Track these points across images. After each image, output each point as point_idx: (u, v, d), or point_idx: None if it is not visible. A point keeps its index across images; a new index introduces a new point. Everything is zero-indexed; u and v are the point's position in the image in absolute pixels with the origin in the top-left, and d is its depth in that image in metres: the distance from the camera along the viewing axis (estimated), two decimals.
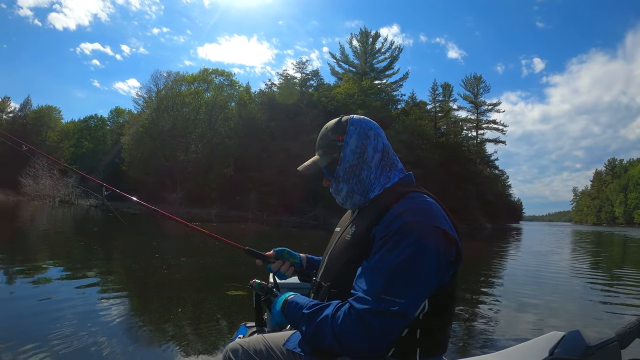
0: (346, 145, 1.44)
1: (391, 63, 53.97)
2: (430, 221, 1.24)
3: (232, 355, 1.47)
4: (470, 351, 3.88)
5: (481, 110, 60.82)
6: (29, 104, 68.18)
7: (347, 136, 1.45)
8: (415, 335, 1.27)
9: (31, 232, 14.02)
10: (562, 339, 1.34)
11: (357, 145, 1.44)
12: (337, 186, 1.47)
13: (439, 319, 1.30)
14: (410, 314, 1.21)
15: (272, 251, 1.79)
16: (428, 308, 1.26)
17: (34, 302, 4.75)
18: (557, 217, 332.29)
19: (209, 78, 51.54)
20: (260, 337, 1.52)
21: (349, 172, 1.44)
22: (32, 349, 3.28)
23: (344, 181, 1.45)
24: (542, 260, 13.70)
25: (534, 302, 6.53)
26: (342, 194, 1.48)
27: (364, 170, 1.43)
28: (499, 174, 65.42)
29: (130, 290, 5.95)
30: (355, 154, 1.43)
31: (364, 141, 1.44)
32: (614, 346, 1.25)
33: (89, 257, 8.90)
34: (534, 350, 1.39)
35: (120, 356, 3.33)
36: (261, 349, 1.46)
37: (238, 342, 1.52)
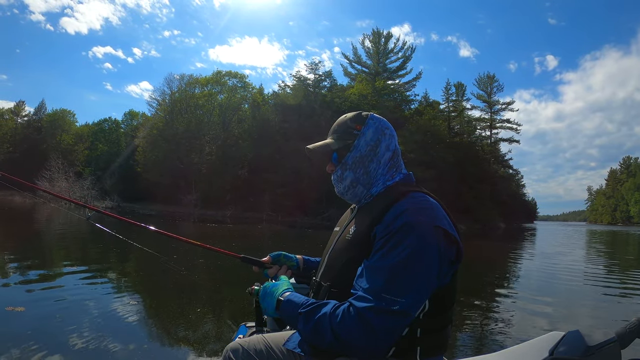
0: (362, 135, 1.44)
1: (404, 63, 53.81)
2: (432, 221, 1.23)
3: (232, 355, 1.47)
4: (470, 351, 3.88)
5: (495, 110, 60.28)
6: (44, 108, 69.14)
7: (365, 127, 1.45)
8: (415, 335, 1.27)
9: (50, 234, 14.21)
10: (562, 339, 1.34)
11: (373, 138, 1.44)
12: (342, 173, 1.47)
13: (440, 318, 1.30)
14: (411, 314, 1.20)
15: (268, 257, 1.78)
16: (429, 307, 1.26)
17: (54, 302, 4.83)
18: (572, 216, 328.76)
19: (222, 80, 51.76)
20: (260, 337, 1.53)
21: (359, 161, 1.44)
22: (45, 348, 3.36)
23: (351, 169, 1.45)
24: (551, 261, 13.54)
25: (536, 303, 6.48)
26: (345, 182, 1.47)
27: (373, 163, 1.43)
28: (513, 173, 64.79)
29: (146, 292, 6.02)
30: (369, 145, 1.44)
31: (379, 136, 1.45)
32: (614, 346, 1.25)
33: (110, 260, 9.05)
34: (534, 350, 1.39)
35: (118, 355, 3.38)
36: (261, 348, 1.47)
37: (238, 342, 1.52)
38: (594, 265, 13.07)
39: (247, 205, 41.02)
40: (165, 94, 52.73)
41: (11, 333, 3.63)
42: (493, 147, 59.55)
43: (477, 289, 7.60)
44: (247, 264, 1.78)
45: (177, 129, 48.42)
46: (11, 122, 69.30)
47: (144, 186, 48.57)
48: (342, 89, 49.60)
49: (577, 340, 1.29)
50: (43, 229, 15.96)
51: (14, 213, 24.86)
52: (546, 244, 24.33)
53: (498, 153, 60.34)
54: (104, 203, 45.26)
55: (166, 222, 24.87)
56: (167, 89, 52.55)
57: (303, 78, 48.93)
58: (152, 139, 50.04)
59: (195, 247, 2.08)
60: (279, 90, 50.77)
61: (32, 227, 16.51)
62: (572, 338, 1.32)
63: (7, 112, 71.12)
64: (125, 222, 2.20)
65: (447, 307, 1.32)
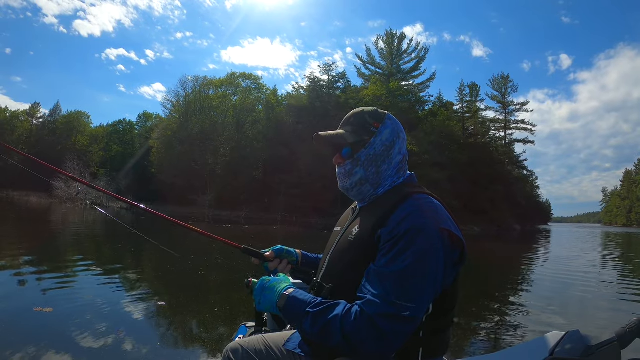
0: (379, 134, 1.41)
1: (417, 64, 53.46)
2: (437, 223, 1.22)
3: (232, 355, 1.49)
4: (470, 351, 3.87)
5: (509, 110, 59.64)
6: (59, 110, 69.94)
7: (383, 126, 1.42)
8: (418, 336, 1.26)
9: (72, 234, 14.39)
10: (562, 339, 1.33)
11: (389, 139, 1.41)
12: (352, 169, 1.42)
13: (442, 319, 1.30)
14: (419, 318, 1.20)
15: (270, 251, 1.76)
16: (432, 310, 1.26)
17: (81, 303, 4.89)
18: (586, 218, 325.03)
19: (236, 82, 52.02)
20: (260, 337, 1.55)
21: (372, 159, 1.40)
22: (73, 348, 3.41)
23: (362, 166, 1.40)
24: (562, 263, 13.33)
25: (539, 303, 6.41)
26: (353, 178, 1.42)
27: (385, 164, 1.41)
28: (528, 174, 64.09)
29: (162, 293, 6.00)
30: (384, 145, 1.41)
31: (394, 138, 1.42)
32: (614, 346, 1.25)
33: (130, 260, 9.16)
34: (534, 350, 1.38)
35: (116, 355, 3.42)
36: (261, 349, 1.49)
37: (238, 342, 1.54)
38: (605, 267, 12.80)
39: (261, 206, 41.12)
40: (179, 95, 53.20)
41: (40, 333, 3.67)
42: (507, 148, 58.94)
43: (481, 289, 7.54)
44: (248, 255, 1.75)
45: (192, 130, 48.70)
46: (26, 124, 70.29)
47: (159, 187, 49.00)
48: (356, 90, 49.54)
49: (577, 340, 1.28)
50: (64, 229, 16.13)
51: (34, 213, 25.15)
52: (559, 246, 24.03)
53: (512, 154, 59.69)
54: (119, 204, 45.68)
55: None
56: (181, 91, 53.07)
57: (317, 79, 48.97)
58: (166, 140, 50.41)
59: (210, 248, 2.04)
60: (292, 91, 50.86)
61: (53, 227, 16.76)
62: (572, 338, 1.31)
63: (22, 113, 72.21)
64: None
65: (450, 309, 1.32)
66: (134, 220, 27.09)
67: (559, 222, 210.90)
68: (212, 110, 51.02)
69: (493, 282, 8.88)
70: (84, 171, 48.89)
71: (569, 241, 29.14)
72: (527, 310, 5.93)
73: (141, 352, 3.50)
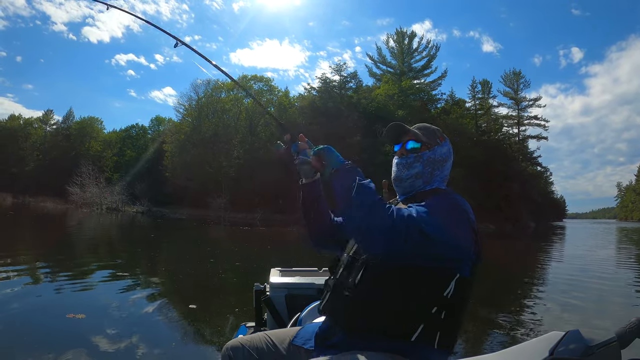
0: (441, 147, 1.62)
1: (429, 62, 53.34)
2: (468, 209, 1.42)
3: (232, 353, 1.53)
4: (470, 351, 3.84)
5: (522, 106, 59.11)
6: (72, 116, 70.50)
7: (445, 142, 1.65)
8: (440, 316, 1.35)
9: (90, 239, 14.63)
10: (563, 339, 1.34)
11: (446, 153, 1.63)
12: (413, 162, 1.58)
13: (460, 307, 1.39)
14: (434, 243, 1.29)
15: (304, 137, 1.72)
16: (453, 291, 1.35)
17: (112, 309, 4.95)
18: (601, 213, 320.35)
19: (248, 84, 52.09)
20: (262, 335, 1.59)
21: (431, 162, 1.58)
22: (106, 355, 3.46)
23: (422, 164, 1.57)
24: (571, 262, 13.16)
25: (540, 302, 6.31)
26: (411, 170, 1.57)
27: (438, 170, 1.59)
28: (542, 170, 63.50)
29: (189, 296, 6.04)
30: (443, 157, 1.61)
31: (449, 155, 1.65)
32: (614, 346, 1.26)
33: (151, 264, 9.29)
34: (534, 350, 1.39)
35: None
36: (262, 346, 1.54)
37: (238, 340, 1.58)
38: (617, 265, 12.53)
39: (276, 208, 41.07)
40: (191, 99, 53.50)
41: (74, 339, 3.69)
42: (521, 145, 58.42)
43: (482, 289, 7.36)
44: (277, 124, 1.83)
45: (205, 133, 48.95)
46: (40, 131, 71.11)
47: (173, 190, 49.16)
48: (368, 90, 49.50)
49: (577, 340, 1.29)
50: (85, 234, 16.33)
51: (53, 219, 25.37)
52: (571, 244, 23.76)
53: (526, 150, 59.18)
54: (135, 208, 46.19)
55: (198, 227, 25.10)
56: (193, 94, 53.30)
57: (328, 80, 48.98)
58: (179, 143, 50.69)
59: (250, 251, 2.04)
60: (304, 92, 50.94)
61: (74, 233, 16.94)
62: (572, 338, 1.32)
63: (35, 120, 73.13)
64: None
65: (467, 300, 1.42)
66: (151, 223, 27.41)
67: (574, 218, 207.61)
68: (225, 113, 51.27)
69: (495, 281, 8.62)
70: (99, 176, 49.25)
71: (582, 238, 28.76)
72: (527, 309, 5.86)
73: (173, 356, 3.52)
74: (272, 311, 2.44)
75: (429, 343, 1.35)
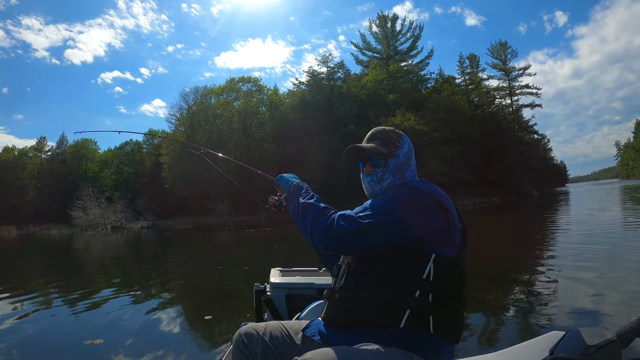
0: (401, 147, 1.68)
1: (414, 43, 53.11)
2: (430, 191, 1.49)
3: (245, 339, 1.54)
4: (470, 350, 3.78)
5: (512, 77, 58.98)
6: (65, 140, 70.43)
7: (403, 141, 1.70)
8: (427, 299, 1.37)
9: (98, 261, 14.55)
10: (563, 339, 1.34)
11: (408, 151, 1.69)
12: (383, 175, 1.64)
13: (448, 289, 1.42)
14: (371, 234, 1.40)
15: None
16: (434, 271, 1.39)
17: (131, 333, 4.85)
18: (603, 174, 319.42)
19: (237, 87, 52.04)
20: (277, 324, 1.63)
21: (398, 167, 1.64)
22: None
23: (392, 173, 1.64)
24: (578, 229, 12.51)
25: (541, 301, 5.89)
26: (383, 183, 1.64)
27: (407, 171, 1.66)
28: (539, 138, 63.47)
29: (203, 307, 5.99)
30: (405, 157, 1.67)
31: (411, 151, 1.71)
32: (614, 346, 1.26)
33: (161, 279, 9.19)
34: (534, 349, 1.40)
35: None
36: (277, 335, 1.56)
37: (252, 326, 1.59)
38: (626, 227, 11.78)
39: None
40: (182, 108, 53.39)
41: None
42: (516, 115, 58.35)
43: (480, 284, 6.88)
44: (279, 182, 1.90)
45: (199, 141, 48.83)
46: (35, 159, 71.05)
47: (175, 202, 49.20)
48: (357, 78, 49.42)
49: (577, 339, 1.29)
50: (93, 256, 16.22)
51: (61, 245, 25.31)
52: (578, 208, 22.84)
53: (521, 120, 59.11)
54: (139, 223, 46.22)
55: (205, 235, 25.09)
56: (183, 104, 53.18)
57: (316, 73, 48.87)
58: (175, 154, 50.52)
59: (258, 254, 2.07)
60: (294, 87, 50.83)
61: (82, 256, 16.91)
62: (572, 337, 1.32)
63: (30, 149, 73.00)
64: None
65: (455, 282, 1.45)
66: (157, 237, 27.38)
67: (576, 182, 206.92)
68: (217, 118, 51.17)
69: (492, 273, 7.83)
70: (99, 196, 49.25)
71: (586, 202, 28.01)
72: (528, 309, 5.69)
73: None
74: (273, 311, 2.47)
75: (422, 327, 1.36)
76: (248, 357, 1.52)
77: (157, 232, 33.65)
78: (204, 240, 20.67)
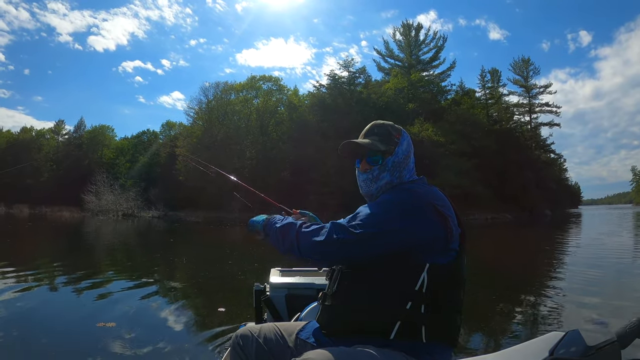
0: (400, 144, 1.58)
1: (437, 53, 52.97)
2: (427, 195, 1.42)
3: (241, 341, 1.56)
4: (470, 351, 3.78)
5: (532, 94, 58.54)
6: (83, 125, 71.23)
7: (402, 138, 1.60)
8: (419, 310, 1.34)
9: (110, 246, 14.63)
10: (562, 339, 1.34)
11: (407, 149, 1.60)
12: (380, 174, 1.55)
13: (442, 298, 1.37)
14: (366, 245, 1.35)
15: (297, 211, 1.92)
16: (427, 281, 1.34)
17: (144, 317, 4.93)
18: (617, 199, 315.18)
19: (257, 85, 52.32)
20: (272, 325, 1.62)
21: (397, 165, 1.56)
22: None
23: (389, 172, 1.55)
24: (585, 251, 12.41)
25: (542, 301, 5.90)
26: (379, 182, 1.56)
27: (406, 169, 1.57)
28: (556, 157, 62.80)
29: (215, 299, 5.99)
30: (404, 154, 1.58)
31: (410, 149, 1.62)
32: (613, 346, 1.26)
33: (172, 269, 9.23)
34: (533, 350, 1.40)
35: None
36: (271, 337, 1.56)
37: (248, 329, 1.60)
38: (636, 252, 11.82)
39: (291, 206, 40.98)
40: (201, 102, 53.75)
41: (104, 349, 3.67)
42: (534, 133, 57.86)
43: (483, 286, 6.92)
44: (279, 209, 1.93)
45: (216, 135, 49.12)
46: (52, 141, 71.91)
47: (187, 194, 49.39)
48: (377, 85, 49.36)
49: (577, 340, 1.30)
50: (105, 241, 16.36)
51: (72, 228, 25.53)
52: (590, 230, 22.91)
53: (539, 138, 58.56)
54: (150, 213, 46.50)
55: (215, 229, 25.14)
56: (203, 98, 53.58)
57: (337, 76, 48.91)
58: (191, 147, 50.82)
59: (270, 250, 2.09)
60: (314, 90, 50.91)
61: (94, 240, 17.08)
62: (572, 338, 1.33)
63: (47, 131, 73.92)
64: None
65: (451, 289, 1.41)
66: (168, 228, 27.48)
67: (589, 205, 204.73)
68: (235, 114, 51.43)
69: (498, 278, 8.01)
70: (113, 183, 49.67)
71: (598, 225, 27.81)
72: (529, 309, 5.67)
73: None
74: (272, 311, 2.47)
75: (413, 338, 1.34)
76: (243, 359, 1.54)
77: (167, 223, 33.78)
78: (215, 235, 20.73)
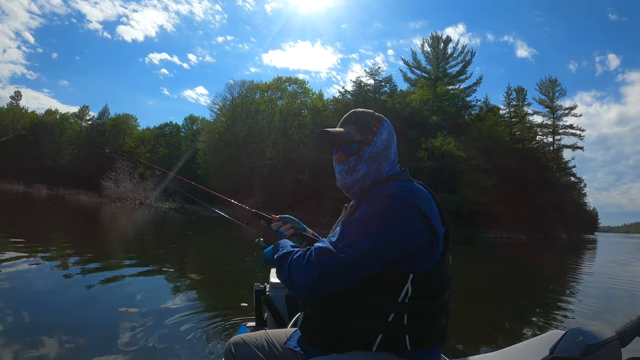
0: (380, 134, 1.50)
1: (464, 68, 52.52)
2: (410, 197, 1.30)
3: (233, 349, 1.56)
4: (471, 350, 3.82)
5: (557, 115, 57.86)
6: (107, 112, 72.11)
7: (382, 127, 1.51)
8: (402, 321, 1.29)
9: (128, 234, 14.81)
10: (563, 338, 1.34)
11: (387, 139, 1.51)
12: (356, 166, 1.47)
13: (428, 304, 1.32)
14: (357, 268, 1.26)
15: (277, 217, 1.77)
16: (412, 291, 1.28)
17: (165, 304, 5.01)
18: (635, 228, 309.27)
19: (282, 86, 52.62)
20: (263, 333, 1.62)
21: (374, 157, 1.47)
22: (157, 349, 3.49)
23: (366, 163, 1.47)
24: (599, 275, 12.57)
25: (543, 302, 6.04)
26: (356, 175, 1.48)
27: (385, 162, 1.49)
28: (576, 181, 61.95)
29: (232, 292, 6.10)
30: (384, 145, 1.49)
31: (391, 139, 1.52)
32: (614, 344, 1.27)
33: (191, 260, 9.45)
34: (535, 348, 1.40)
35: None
36: (263, 344, 1.55)
37: (240, 337, 1.61)
38: None
39: (307, 209, 41.26)
40: (226, 99, 54.19)
41: (125, 333, 3.76)
42: (556, 155, 57.18)
43: (487, 288, 7.13)
44: (257, 217, 1.80)
45: (239, 133, 49.45)
46: (76, 126, 73.04)
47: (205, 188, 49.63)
48: (402, 95, 49.28)
49: (578, 338, 1.29)
50: (121, 229, 16.50)
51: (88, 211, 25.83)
52: (605, 258, 22.69)
53: (560, 160, 57.81)
54: (167, 204, 46.85)
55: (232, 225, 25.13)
56: (228, 95, 54.01)
57: (363, 84, 48.98)
58: (213, 143, 51.27)
59: None
60: (338, 95, 51.04)
61: (116, 227, 17.19)
62: (573, 337, 1.32)
63: (71, 116, 75.12)
64: None
65: (436, 294, 1.34)
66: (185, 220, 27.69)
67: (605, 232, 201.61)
68: (259, 114, 51.75)
69: (505, 284, 8.35)
70: (132, 172, 50.22)
71: (614, 252, 27.61)
72: (529, 309, 5.73)
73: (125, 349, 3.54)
74: (272, 311, 2.45)
75: (397, 348, 1.30)
76: None
77: (184, 215, 34.00)
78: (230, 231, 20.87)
